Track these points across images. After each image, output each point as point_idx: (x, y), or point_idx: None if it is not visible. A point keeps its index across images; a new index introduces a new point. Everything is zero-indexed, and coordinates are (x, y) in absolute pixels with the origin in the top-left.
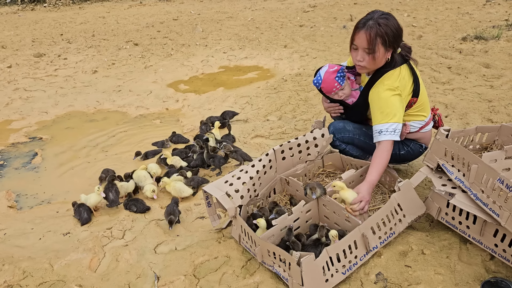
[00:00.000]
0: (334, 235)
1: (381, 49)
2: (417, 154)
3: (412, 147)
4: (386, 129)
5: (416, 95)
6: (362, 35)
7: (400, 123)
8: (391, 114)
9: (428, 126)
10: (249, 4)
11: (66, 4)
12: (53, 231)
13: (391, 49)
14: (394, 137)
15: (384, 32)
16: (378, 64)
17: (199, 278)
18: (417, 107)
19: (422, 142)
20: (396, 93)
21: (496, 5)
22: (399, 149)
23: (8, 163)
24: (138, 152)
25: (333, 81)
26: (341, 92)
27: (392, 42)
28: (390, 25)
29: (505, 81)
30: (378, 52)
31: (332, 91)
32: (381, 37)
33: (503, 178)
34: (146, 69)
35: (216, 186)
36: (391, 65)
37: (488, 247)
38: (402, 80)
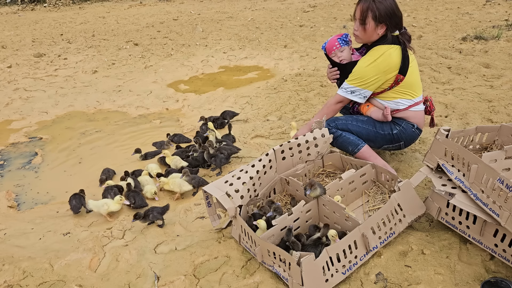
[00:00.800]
0: (333, 234)
1: (371, 22)
2: (411, 133)
3: (404, 126)
4: (346, 88)
5: (403, 73)
6: (358, 7)
7: (364, 89)
8: (359, 80)
9: (418, 106)
10: (249, 4)
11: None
12: (53, 231)
13: (383, 25)
14: (348, 95)
15: (376, 7)
16: (369, 36)
17: (199, 278)
18: (404, 86)
19: (413, 121)
20: (373, 64)
21: (496, 5)
22: (391, 129)
23: (8, 163)
24: (138, 149)
25: (334, 41)
26: (340, 53)
27: (384, 19)
28: (384, 3)
29: (505, 81)
30: (368, 25)
31: (332, 50)
32: (372, 11)
33: (503, 178)
34: (146, 69)
35: (216, 186)
36: (382, 41)
37: (488, 247)
38: (387, 56)
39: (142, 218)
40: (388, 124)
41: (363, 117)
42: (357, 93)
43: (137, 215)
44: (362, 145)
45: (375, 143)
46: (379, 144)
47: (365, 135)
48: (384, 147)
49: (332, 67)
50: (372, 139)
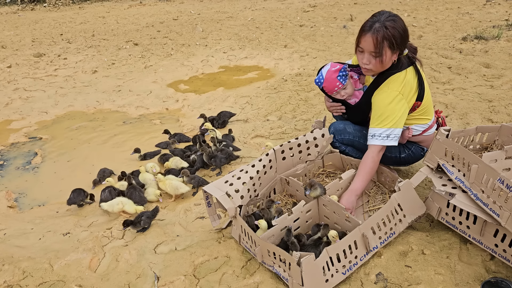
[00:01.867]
0: (334, 235)
1: (388, 52)
2: (418, 157)
3: (413, 150)
4: (380, 134)
5: (420, 99)
6: (368, 38)
7: (398, 128)
8: (389, 120)
9: (431, 129)
10: (249, 4)
11: (66, 4)
12: (53, 231)
13: (398, 51)
14: (385, 142)
15: (392, 35)
16: (384, 67)
17: (199, 278)
18: (420, 111)
19: (424, 145)
20: (399, 98)
21: (496, 5)
22: (399, 152)
23: (8, 163)
24: (137, 149)
25: (335, 80)
26: (343, 91)
27: (399, 45)
28: (397, 28)
29: (505, 81)
30: (385, 56)
31: (334, 91)
32: (388, 41)
33: (503, 178)
34: (146, 69)
35: (216, 186)
36: (397, 67)
37: (488, 247)
38: (407, 84)
39: (132, 225)
40: (397, 147)
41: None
42: (392, 135)
43: (125, 223)
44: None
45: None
46: (383, 163)
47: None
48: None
49: (333, 101)
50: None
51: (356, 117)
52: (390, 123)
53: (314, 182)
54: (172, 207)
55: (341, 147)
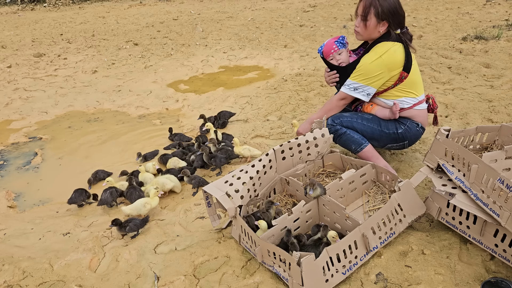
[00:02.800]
0: (334, 235)
1: (373, 18)
2: (415, 133)
3: (408, 125)
4: (349, 85)
5: (407, 70)
6: (361, 3)
7: (368, 86)
8: (361, 76)
9: (421, 104)
10: (249, 4)
11: (66, 4)
12: (53, 231)
13: (385, 22)
14: (351, 92)
15: (379, 4)
16: (370, 33)
17: (199, 278)
18: (407, 84)
19: (417, 120)
20: (378, 61)
21: (496, 5)
22: (396, 128)
23: (8, 163)
24: (139, 153)
25: (332, 44)
26: (338, 56)
27: (386, 16)
28: (387, 0)
29: (505, 81)
30: (370, 21)
31: (330, 53)
32: (375, 8)
33: (503, 178)
34: (146, 69)
35: (216, 186)
36: (386, 38)
37: (488, 247)
38: (392, 53)
39: (119, 226)
40: (393, 123)
41: (369, 115)
42: (361, 90)
43: (114, 221)
44: (366, 144)
45: (379, 142)
46: (383, 143)
47: (369, 133)
48: (388, 146)
49: (330, 70)
50: (377, 137)
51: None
52: (361, 78)
53: (315, 181)
54: (172, 207)
55: (342, 129)
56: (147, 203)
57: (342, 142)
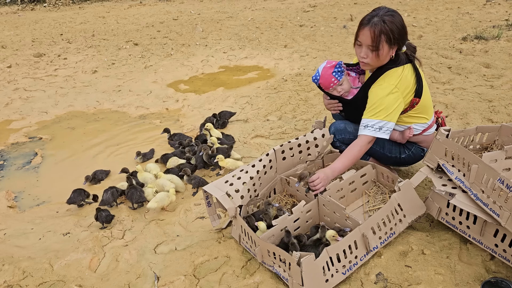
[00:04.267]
0: (333, 234)
1: (385, 46)
2: (418, 158)
3: (413, 150)
4: (373, 125)
5: (418, 96)
6: (366, 32)
7: (390, 122)
8: (382, 112)
9: (431, 129)
10: (249, 4)
11: (66, 4)
12: (53, 231)
13: (396, 46)
14: (377, 133)
15: (389, 29)
16: (382, 62)
17: (199, 278)
18: (419, 109)
19: (423, 145)
20: (394, 91)
21: (496, 5)
22: (399, 153)
23: (8, 163)
24: (138, 152)
25: (330, 76)
26: (340, 87)
27: (397, 40)
28: (395, 22)
29: (505, 81)
30: (382, 50)
31: (330, 87)
32: (386, 35)
33: (503, 178)
34: (146, 69)
35: (216, 186)
36: (395, 63)
37: (488, 247)
38: (404, 79)
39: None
40: (397, 147)
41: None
42: (385, 128)
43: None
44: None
45: (378, 161)
46: (382, 162)
47: (370, 154)
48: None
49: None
50: (377, 158)
51: (352, 113)
52: (383, 115)
53: (305, 174)
54: (172, 207)
55: (341, 147)
56: (168, 196)
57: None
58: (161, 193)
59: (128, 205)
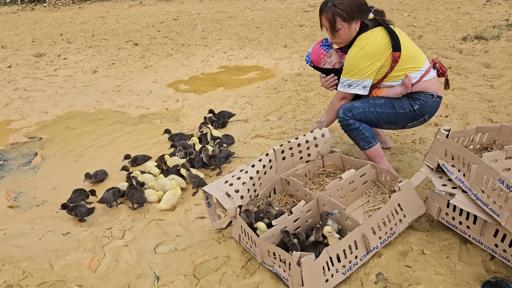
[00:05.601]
0: (329, 230)
1: (344, 25)
2: (432, 104)
3: (423, 99)
4: (342, 82)
5: (397, 50)
6: (323, 18)
7: (359, 79)
8: (350, 72)
9: (429, 74)
10: (249, 4)
11: (66, 4)
12: (53, 231)
13: (357, 19)
14: (347, 89)
15: (341, 10)
16: (350, 36)
17: (199, 278)
18: (405, 61)
19: (430, 91)
20: (361, 53)
21: (496, 5)
22: (411, 105)
23: (8, 163)
24: (127, 155)
25: (318, 50)
26: (329, 59)
27: (353, 15)
28: (345, 2)
29: (506, 81)
30: (342, 29)
31: (320, 59)
32: (339, 16)
33: (503, 178)
34: (146, 69)
35: (216, 186)
36: (364, 29)
37: (488, 247)
38: (373, 39)
39: (68, 209)
40: (407, 101)
41: (381, 99)
42: (355, 85)
43: (64, 205)
44: (374, 144)
45: (398, 124)
46: (403, 124)
47: (385, 119)
48: (408, 126)
49: (326, 75)
50: (394, 121)
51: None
52: (349, 74)
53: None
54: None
55: (355, 124)
56: (174, 194)
57: (352, 136)
58: (168, 192)
59: (128, 205)
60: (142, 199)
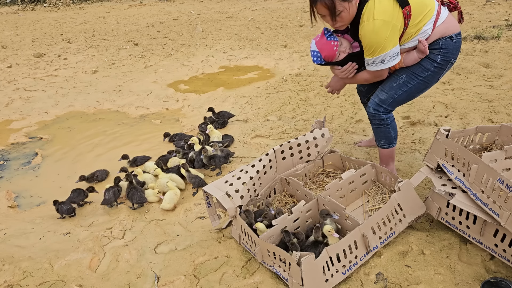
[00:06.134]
0: (329, 229)
1: (344, 5)
2: (453, 46)
3: (442, 46)
4: (373, 62)
5: (405, 4)
6: (320, 7)
7: (389, 49)
8: (376, 49)
9: (441, 15)
10: (249, 4)
11: (66, 4)
12: (53, 231)
13: None
14: (382, 66)
15: None
16: (352, 14)
17: (199, 278)
18: (416, 12)
19: (448, 33)
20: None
21: (496, 5)
22: (434, 60)
23: (8, 163)
24: (125, 155)
25: (328, 44)
26: (343, 47)
27: None
28: None
29: (505, 81)
30: (344, 10)
31: (334, 52)
32: None
33: (503, 178)
34: (146, 69)
35: (216, 186)
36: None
37: (488, 247)
38: (380, 6)
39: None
40: (427, 60)
41: (402, 76)
42: (388, 58)
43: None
44: (394, 144)
45: (430, 84)
46: (436, 80)
47: (416, 91)
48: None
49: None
50: (424, 86)
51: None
52: (377, 51)
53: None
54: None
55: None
56: (175, 194)
57: (378, 131)
58: (169, 192)
59: (128, 205)
60: (142, 199)
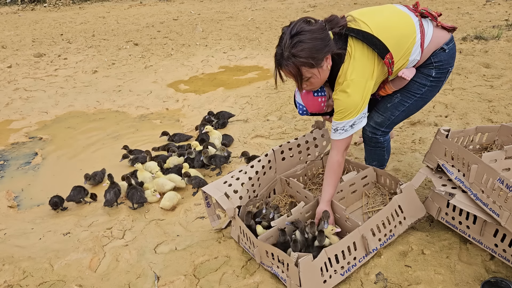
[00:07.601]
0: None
1: (313, 71)
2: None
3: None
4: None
5: (385, 52)
6: (285, 72)
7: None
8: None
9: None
10: (249, 4)
11: (66, 4)
12: (53, 231)
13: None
14: (350, 131)
15: (304, 58)
16: (324, 77)
17: (199, 278)
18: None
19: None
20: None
21: (496, 5)
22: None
23: (8, 163)
24: (125, 155)
25: (315, 100)
26: (331, 100)
27: (320, 56)
28: (305, 48)
29: (505, 81)
30: (313, 76)
31: (322, 108)
32: (304, 65)
33: (503, 178)
34: (146, 69)
35: (215, 187)
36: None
37: (488, 247)
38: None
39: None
40: (421, 75)
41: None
42: (358, 121)
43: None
44: (384, 167)
45: (429, 99)
46: (435, 93)
47: (414, 109)
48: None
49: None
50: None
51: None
52: (350, 114)
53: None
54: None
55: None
56: (175, 194)
57: (371, 152)
58: (169, 192)
59: (128, 205)
60: (142, 199)
